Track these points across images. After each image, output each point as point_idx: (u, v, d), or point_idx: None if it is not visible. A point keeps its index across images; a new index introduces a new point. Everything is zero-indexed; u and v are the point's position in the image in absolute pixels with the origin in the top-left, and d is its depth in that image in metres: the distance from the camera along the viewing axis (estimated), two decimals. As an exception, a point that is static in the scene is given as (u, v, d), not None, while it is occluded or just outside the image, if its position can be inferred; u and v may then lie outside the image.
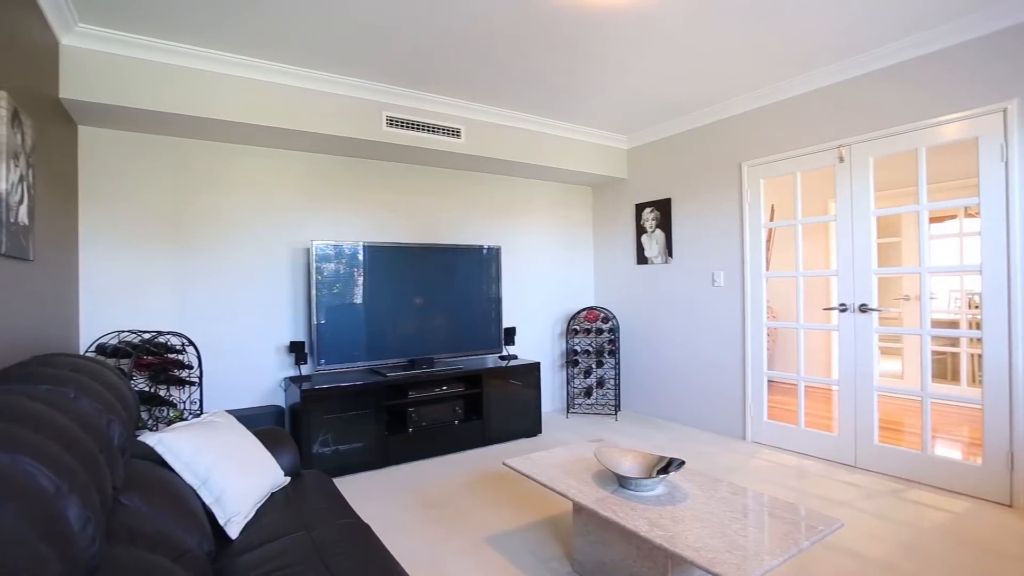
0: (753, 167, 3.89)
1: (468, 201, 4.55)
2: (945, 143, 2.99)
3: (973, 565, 2.20)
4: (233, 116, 3.10)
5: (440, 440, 3.73)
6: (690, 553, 1.60)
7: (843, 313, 3.41)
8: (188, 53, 2.94)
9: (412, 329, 3.89)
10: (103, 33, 2.72)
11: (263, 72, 3.17)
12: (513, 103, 3.94)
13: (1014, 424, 2.75)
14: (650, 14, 2.68)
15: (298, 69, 3.23)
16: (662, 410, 4.62)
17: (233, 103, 3.10)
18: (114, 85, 2.79)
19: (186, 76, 2.97)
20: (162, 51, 2.88)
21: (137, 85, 2.84)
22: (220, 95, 3.06)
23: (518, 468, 2.36)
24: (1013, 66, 2.72)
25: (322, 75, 3.32)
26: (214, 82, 3.05)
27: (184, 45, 2.90)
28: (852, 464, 3.38)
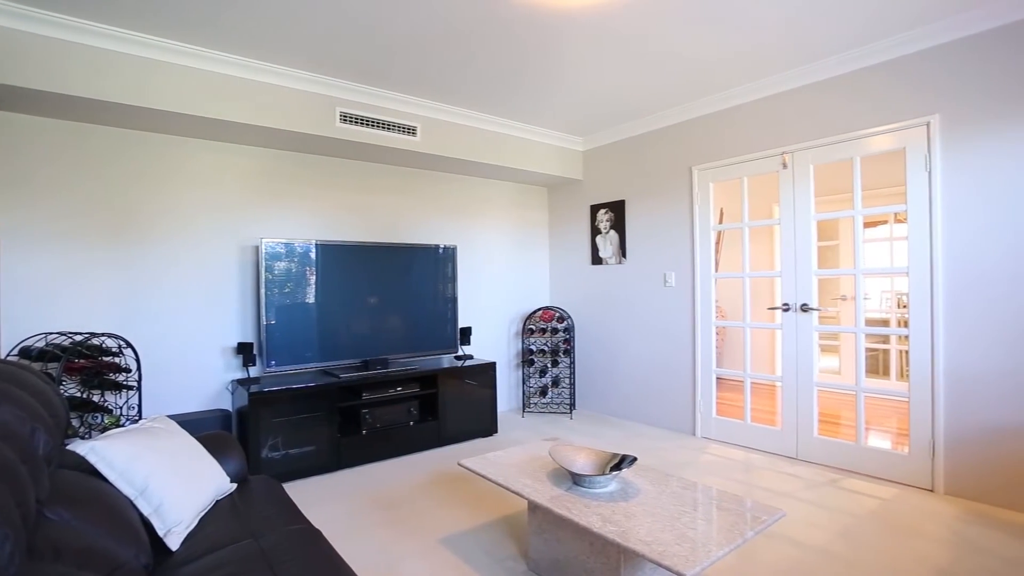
0: (703, 171, 4.02)
1: (425, 200, 4.50)
2: (877, 152, 3.18)
3: (900, 547, 2.35)
4: (177, 107, 2.95)
5: (395, 441, 3.68)
6: (641, 547, 1.64)
7: (786, 312, 3.57)
8: (127, 38, 2.78)
9: (366, 329, 3.82)
10: (31, 12, 2.54)
11: (210, 62, 3.04)
12: (470, 102, 3.93)
13: (936, 415, 2.95)
14: (607, 19, 2.73)
15: (248, 60, 3.11)
16: (616, 408, 4.71)
17: (177, 93, 2.95)
18: (44, 69, 2.61)
19: (125, 62, 2.81)
20: (99, 35, 2.72)
21: (71, 70, 2.67)
22: (163, 84, 2.91)
23: (473, 468, 2.36)
24: (936, 83, 2.91)
25: (273, 67, 3.21)
26: (156, 70, 2.90)
27: (122, 30, 2.74)
28: (794, 456, 3.54)
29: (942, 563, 2.22)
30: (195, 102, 3.01)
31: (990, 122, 2.75)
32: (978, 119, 2.79)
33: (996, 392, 2.76)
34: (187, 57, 2.97)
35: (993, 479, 2.77)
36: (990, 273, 2.77)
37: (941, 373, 2.94)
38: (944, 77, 2.89)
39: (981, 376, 2.81)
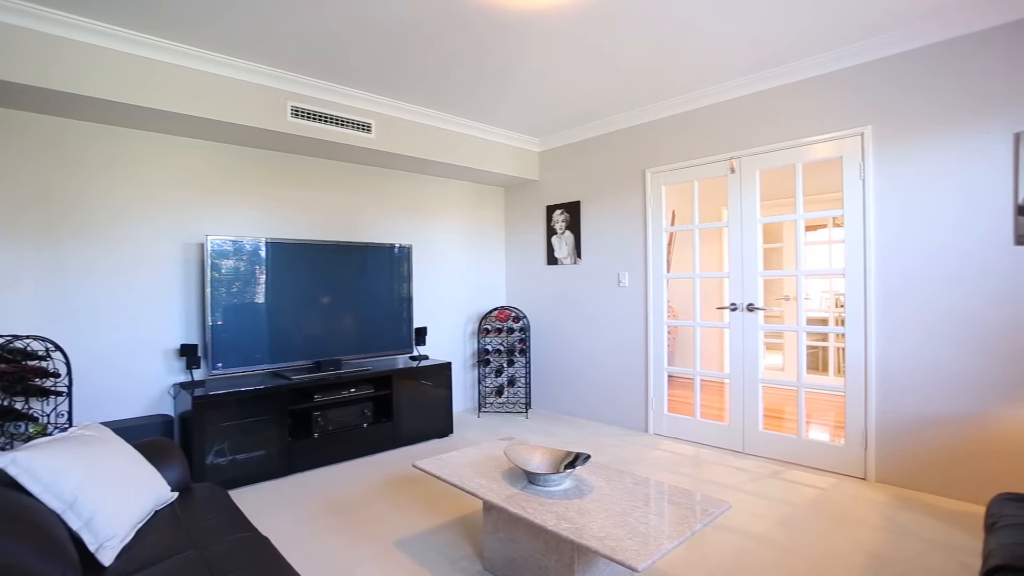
0: (656, 174, 4.12)
1: (380, 198, 4.43)
2: (817, 160, 3.34)
3: (835, 533, 2.48)
4: (118, 96, 2.79)
5: (348, 444, 3.60)
6: (595, 543, 1.67)
7: (733, 312, 3.71)
8: (66, 22, 2.61)
9: (319, 330, 3.73)
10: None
11: (154, 50, 2.89)
12: (428, 100, 3.89)
13: (868, 408, 3.13)
14: (564, 24, 2.75)
15: (194, 49, 2.98)
16: (571, 407, 4.76)
17: (118, 82, 2.79)
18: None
19: (63, 48, 2.64)
20: (37, 18, 2.53)
21: (4, 55, 2.48)
22: (103, 72, 2.75)
23: (428, 469, 2.34)
24: (870, 96, 3.09)
25: (221, 58, 3.08)
26: (96, 57, 2.73)
27: (61, 12, 2.57)
28: (740, 450, 3.68)
29: (873, 547, 2.36)
30: (137, 91, 2.86)
31: (916, 134, 2.94)
32: (906, 131, 2.98)
33: (921, 386, 2.95)
34: (130, 44, 2.82)
35: (918, 467, 2.96)
36: (917, 275, 2.96)
37: (873, 368, 3.12)
38: (877, 91, 3.07)
39: (908, 371, 3.00)
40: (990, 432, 2.75)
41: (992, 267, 2.73)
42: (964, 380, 2.82)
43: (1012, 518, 1.60)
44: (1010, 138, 2.67)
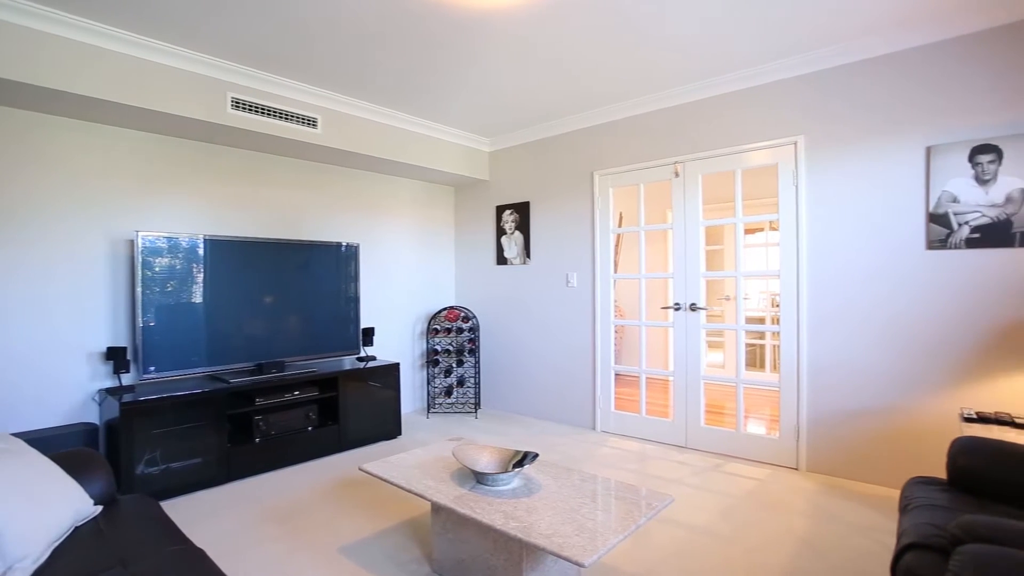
0: (604, 176, 4.21)
1: (326, 196, 4.31)
2: (755, 166, 3.50)
3: (770, 521, 2.60)
4: (39, 80, 2.58)
5: (292, 448, 3.49)
6: (542, 541, 1.68)
7: (677, 311, 3.83)
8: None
9: (261, 331, 3.59)
10: None
11: (82, 32, 2.69)
12: (376, 97, 3.81)
13: (800, 403, 3.30)
14: (515, 25, 2.76)
15: (128, 34, 2.80)
16: (520, 406, 4.79)
17: (39, 64, 2.59)
18: None
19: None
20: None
21: None
22: (23, 53, 2.53)
23: (374, 472, 2.29)
24: (803, 107, 3.27)
25: (156, 43, 2.91)
26: (15, 37, 2.51)
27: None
28: (684, 445, 3.81)
29: (803, 533, 2.49)
30: (63, 77, 2.65)
31: (843, 144, 3.13)
32: (834, 141, 3.16)
33: (847, 381, 3.15)
34: (56, 25, 2.61)
35: (844, 456, 3.16)
36: (842, 276, 3.16)
37: (805, 365, 3.30)
38: (809, 102, 3.25)
39: (835, 367, 3.19)
40: (906, 422, 2.96)
41: (908, 270, 2.94)
42: (884, 374, 3.03)
43: (922, 500, 1.74)
44: (923, 151, 2.89)
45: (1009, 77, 2.67)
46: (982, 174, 2.72)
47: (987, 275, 2.73)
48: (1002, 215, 2.68)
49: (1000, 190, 2.68)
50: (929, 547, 1.44)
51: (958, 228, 2.79)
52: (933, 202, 2.85)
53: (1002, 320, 2.69)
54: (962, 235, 2.78)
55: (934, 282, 2.87)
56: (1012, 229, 2.65)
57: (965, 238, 2.77)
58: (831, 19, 2.76)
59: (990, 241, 2.71)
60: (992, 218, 2.70)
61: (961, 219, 2.78)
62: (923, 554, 1.42)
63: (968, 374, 2.78)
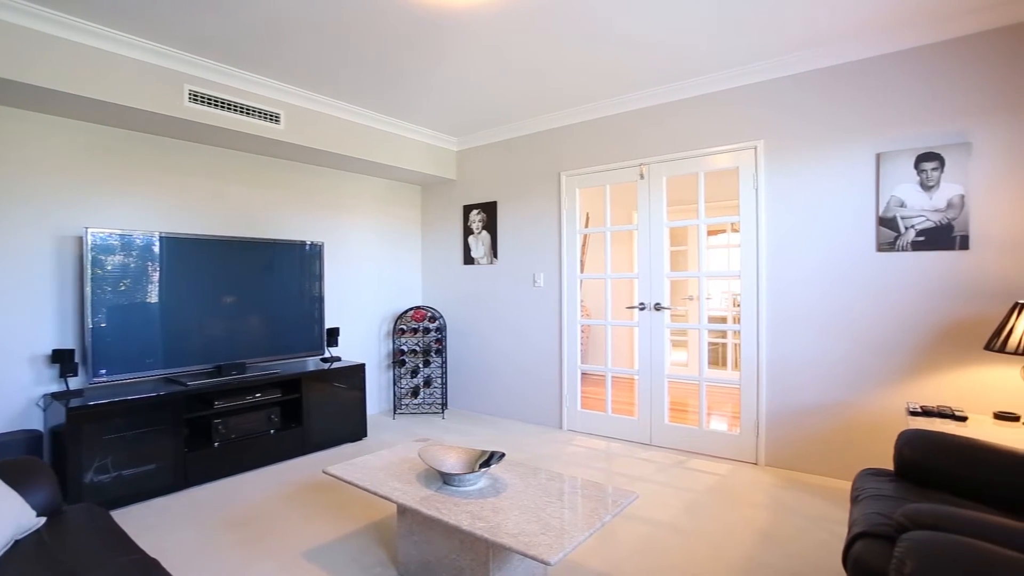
0: (571, 177, 4.25)
1: (290, 193, 4.21)
2: (718, 169, 3.59)
3: (731, 514, 2.68)
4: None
5: (253, 452, 3.40)
6: (509, 540, 1.68)
7: (642, 311, 3.89)
8: None
9: (221, 332, 3.48)
10: None
11: (29, 18, 2.55)
12: (342, 93, 3.75)
13: (760, 399, 3.41)
14: (484, 26, 2.76)
15: (78, 21, 2.67)
16: (487, 406, 4.79)
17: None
18: None
19: None
20: None
21: None
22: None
23: (339, 475, 2.26)
24: (762, 113, 3.37)
25: (108, 31, 2.78)
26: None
27: None
28: (649, 443, 3.87)
29: (762, 525, 2.57)
30: (7, 64, 2.51)
31: (801, 149, 3.25)
32: (792, 146, 3.28)
33: (803, 377, 3.26)
34: (1, 10, 2.48)
35: (800, 450, 3.27)
36: (799, 277, 3.27)
37: (764, 362, 3.40)
38: (769, 108, 3.35)
39: (793, 364, 3.30)
40: (857, 416, 3.09)
41: (859, 271, 3.07)
42: (837, 371, 3.15)
43: (872, 490, 1.81)
44: (873, 157, 3.02)
45: (949, 90, 2.81)
46: (926, 180, 2.86)
47: (931, 276, 2.87)
48: (944, 219, 2.82)
49: (942, 196, 2.82)
50: (877, 535, 1.50)
51: (905, 231, 2.92)
52: (882, 206, 2.99)
53: (944, 319, 2.84)
54: (908, 238, 2.92)
55: (883, 283, 3.00)
56: (953, 233, 2.80)
57: (911, 241, 2.91)
58: (786, 30, 2.85)
59: (933, 244, 2.85)
60: (935, 222, 2.84)
61: (908, 223, 2.92)
62: (872, 542, 1.49)
63: (914, 370, 2.92)
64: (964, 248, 2.78)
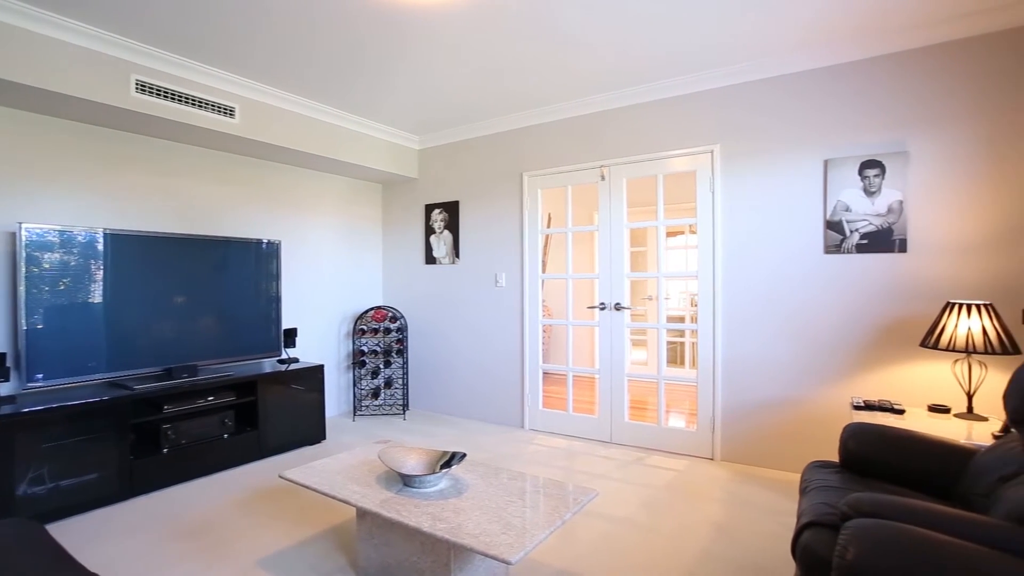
0: (533, 177, 4.27)
1: (246, 190, 4.08)
2: (676, 172, 3.68)
3: (688, 509, 2.75)
4: None
5: (206, 458, 3.27)
6: (470, 541, 1.68)
7: (603, 311, 3.95)
8: None
9: (171, 333, 3.34)
10: None
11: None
12: (300, 88, 3.66)
13: (716, 396, 3.51)
14: (447, 25, 2.74)
15: (10, 2, 2.50)
16: (449, 406, 4.77)
17: None
18: None
19: None
20: None
21: None
22: None
23: (295, 479, 2.20)
24: (718, 119, 3.47)
25: (48, 16, 2.62)
26: None
27: None
28: (609, 440, 3.93)
29: (717, 518, 2.65)
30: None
31: (754, 155, 3.36)
32: (747, 151, 3.39)
33: (757, 375, 3.38)
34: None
35: (754, 445, 3.39)
36: (752, 278, 3.38)
37: (720, 361, 3.51)
38: (725, 114, 3.46)
39: (747, 362, 3.42)
40: (807, 411, 3.22)
41: (809, 272, 3.20)
42: (788, 368, 3.28)
43: (819, 482, 1.90)
44: (821, 164, 3.15)
45: (889, 101, 2.97)
46: (869, 187, 3.01)
47: (873, 278, 3.02)
48: (885, 224, 2.98)
49: (884, 201, 2.98)
50: (824, 524, 1.57)
51: (850, 235, 3.07)
52: (829, 210, 3.13)
53: (885, 318, 3.00)
54: (853, 241, 3.06)
55: (830, 284, 3.14)
56: (892, 236, 2.96)
57: (855, 244, 3.06)
58: (739, 40, 2.95)
59: (875, 247, 3.00)
60: (877, 226, 3.00)
61: (852, 226, 3.06)
62: (819, 531, 1.56)
63: (858, 366, 3.07)
64: (903, 251, 2.94)
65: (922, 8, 2.65)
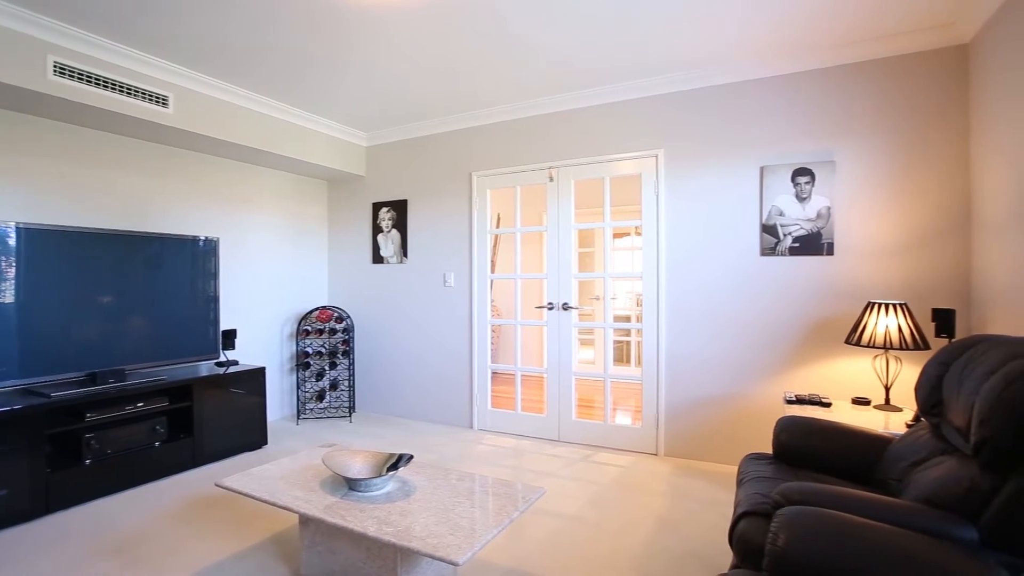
0: (482, 177, 4.27)
1: (182, 184, 3.87)
2: (623, 175, 3.77)
3: (632, 503, 2.82)
4: None
5: (134, 468, 3.08)
6: (417, 544, 1.66)
7: (551, 311, 4.00)
8: None
9: (97, 336, 3.12)
10: None
11: None
12: (243, 80, 3.50)
13: (660, 393, 3.62)
14: (399, 18, 2.70)
15: None
16: (397, 408, 4.70)
17: None
18: None
19: None
20: None
21: None
22: None
23: (233, 487, 2.11)
24: (662, 124, 3.59)
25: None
26: None
27: None
28: (557, 439, 3.98)
29: (660, 511, 2.74)
30: None
31: (696, 160, 3.49)
32: (689, 156, 3.51)
33: (698, 372, 3.51)
34: None
35: (695, 440, 3.52)
36: (694, 279, 3.51)
37: (663, 359, 3.62)
38: (668, 119, 3.57)
39: (689, 360, 3.54)
40: (744, 406, 3.38)
41: (747, 273, 3.36)
42: (727, 365, 3.43)
43: (754, 473, 1.99)
44: (758, 170, 3.31)
45: (819, 113, 3.16)
46: (801, 193, 3.19)
47: (804, 279, 3.21)
48: (814, 228, 3.16)
49: (813, 207, 3.16)
50: (758, 513, 1.65)
51: (783, 238, 3.24)
52: (765, 215, 3.29)
53: (814, 317, 3.18)
54: (786, 244, 3.23)
55: (766, 284, 3.31)
56: (821, 240, 3.14)
57: (788, 247, 3.23)
58: (681, 49, 3.06)
59: (806, 250, 3.18)
60: (808, 230, 3.18)
61: (785, 230, 3.23)
62: (753, 520, 1.63)
63: (791, 362, 3.25)
64: (830, 254, 3.13)
65: (848, 28, 2.83)
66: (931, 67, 2.91)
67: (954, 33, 2.83)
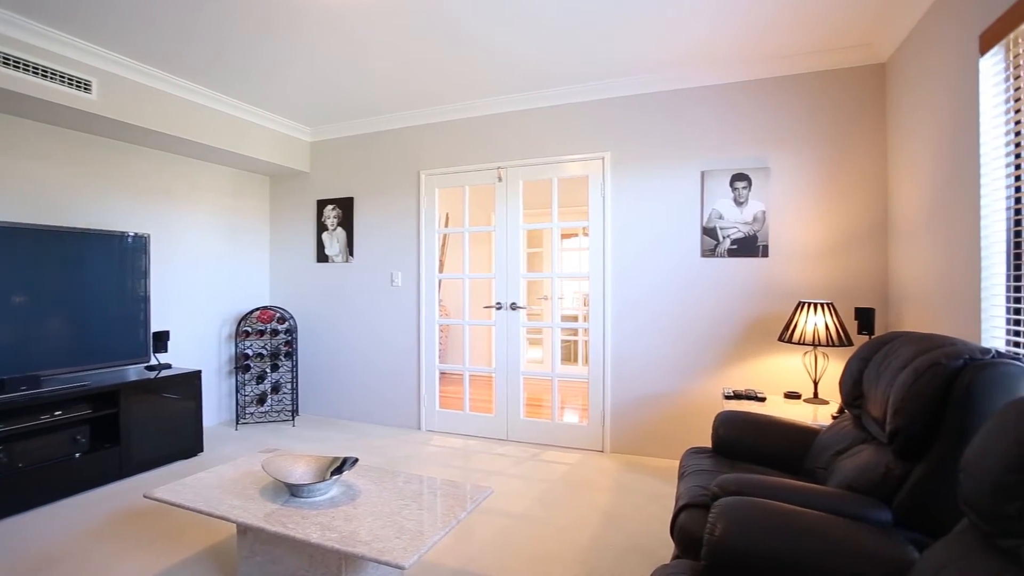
0: (430, 176, 4.23)
1: (107, 176, 3.62)
2: (570, 176, 3.83)
3: (579, 500, 2.87)
4: None
5: (52, 482, 2.86)
6: (362, 549, 1.63)
7: (499, 311, 4.01)
8: None
9: (6, 339, 2.88)
10: None
11: None
12: (176, 67, 3.32)
13: (606, 392, 3.70)
14: (347, 11, 2.63)
15: None
16: (342, 410, 4.58)
17: None
18: None
19: None
20: None
21: None
22: None
23: (163, 498, 2.00)
24: (609, 127, 3.67)
25: None
26: None
27: None
28: (505, 438, 4.00)
29: (606, 506, 2.80)
30: None
31: (641, 163, 3.59)
32: (634, 160, 3.61)
33: (643, 370, 3.62)
34: None
35: (640, 436, 3.62)
36: (639, 280, 3.61)
37: (609, 357, 3.70)
38: (614, 123, 3.66)
39: (633, 358, 3.64)
40: (686, 402, 3.51)
41: (689, 274, 3.49)
42: (670, 363, 3.54)
43: (695, 466, 2.07)
44: (699, 174, 3.45)
45: (755, 121, 3.32)
46: (738, 197, 3.34)
47: (741, 279, 3.36)
48: (751, 231, 3.32)
49: (750, 211, 3.32)
50: (698, 505, 1.72)
51: (722, 240, 3.38)
52: (706, 217, 3.42)
53: (751, 316, 3.34)
54: (725, 246, 3.38)
55: (707, 285, 3.44)
56: (757, 243, 3.30)
57: (727, 249, 3.38)
58: (624, 55, 3.15)
59: (743, 252, 3.34)
60: (745, 233, 3.33)
61: (725, 233, 3.38)
62: (693, 512, 1.70)
63: (729, 359, 3.40)
64: (765, 256, 3.29)
65: (781, 43, 2.99)
66: (853, 83, 3.12)
67: (872, 52, 3.04)
